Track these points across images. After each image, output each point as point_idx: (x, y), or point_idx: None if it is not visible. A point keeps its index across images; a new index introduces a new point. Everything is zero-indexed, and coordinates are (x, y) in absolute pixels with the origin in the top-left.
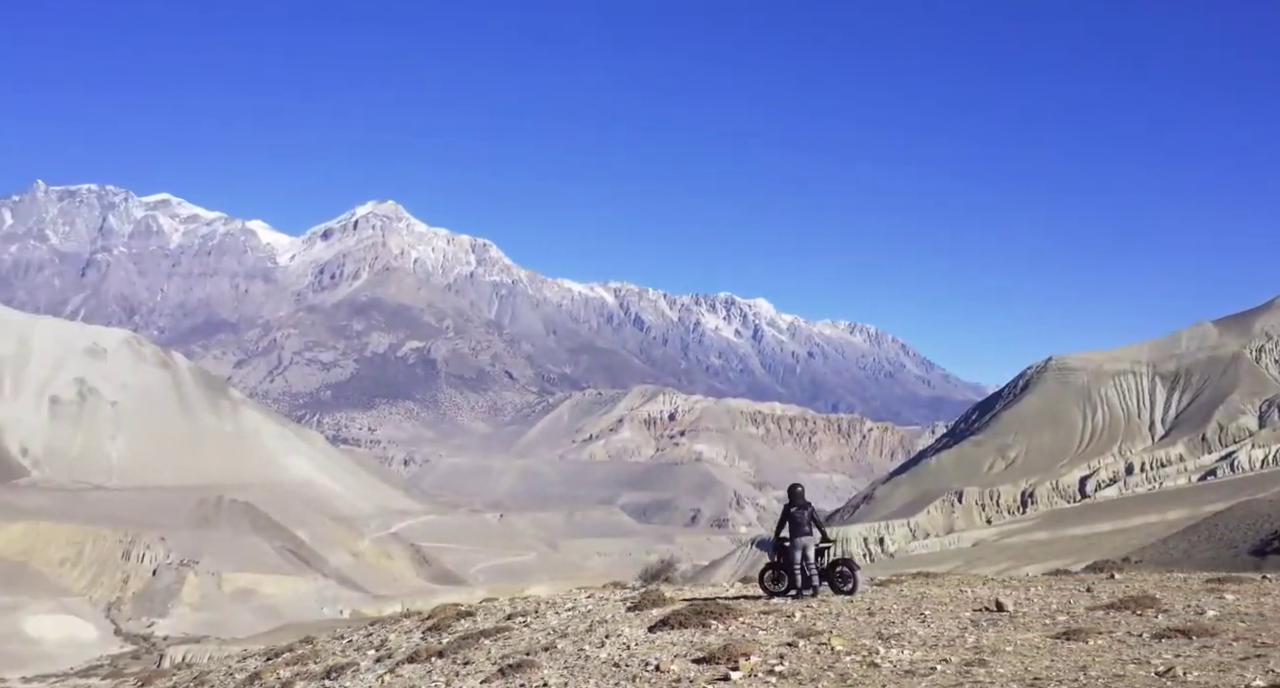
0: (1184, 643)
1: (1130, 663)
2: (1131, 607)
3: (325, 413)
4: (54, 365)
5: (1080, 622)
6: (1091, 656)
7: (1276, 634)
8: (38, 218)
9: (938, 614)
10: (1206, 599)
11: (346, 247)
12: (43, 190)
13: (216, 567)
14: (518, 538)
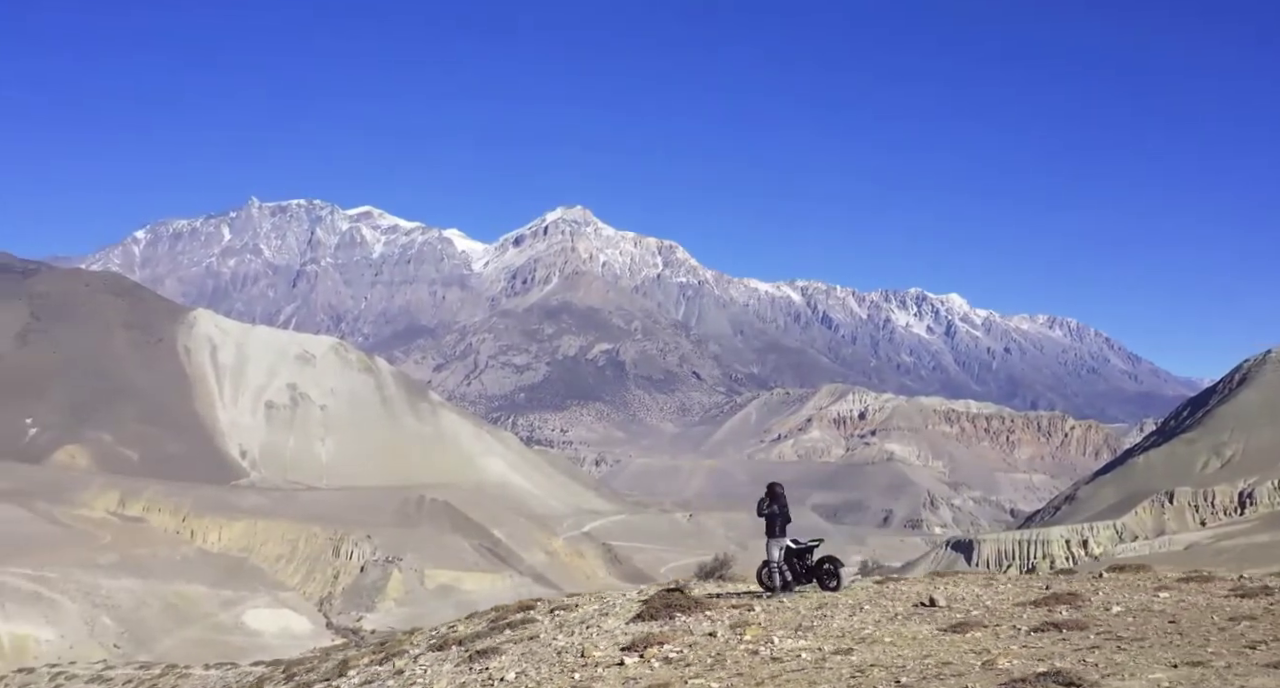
0: (1054, 636)
1: (972, 653)
2: (1050, 602)
3: (519, 415)
4: (269, 372)
5: (984, 617)
6: (951, 646)
7: (1153, 629)
8: (253, 233)
9: (875, 609)
10: (1141, 597)
11: (537, 252)
12: (257, 207)
13: (419, 563)
14: (708, 538)
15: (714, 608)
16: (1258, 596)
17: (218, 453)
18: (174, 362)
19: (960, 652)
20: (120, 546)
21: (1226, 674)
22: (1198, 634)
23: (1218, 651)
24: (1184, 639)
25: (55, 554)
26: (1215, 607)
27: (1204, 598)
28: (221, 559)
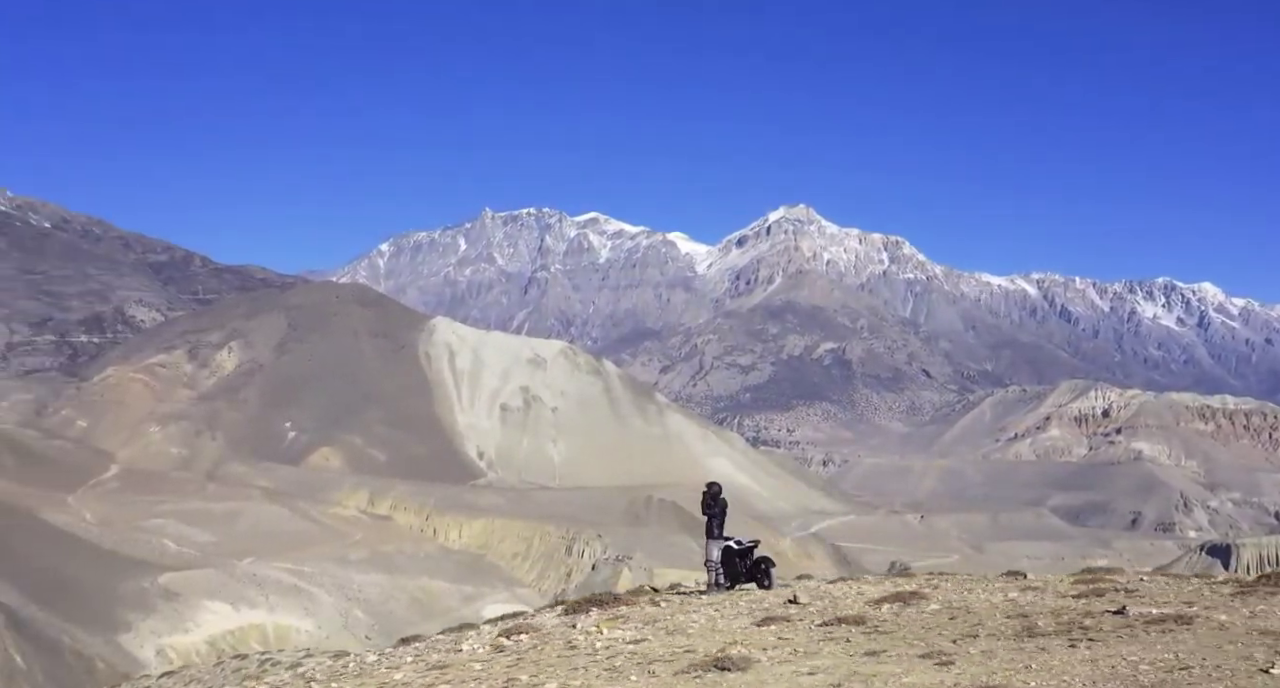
0: (832, 630)
1: (734, 643)
2: (905, 599)
3: (745, 415)
4: (503, 376)
5: (801, 614)
6: (742, 636)
7: (924, 626)
8: (486, 242)
9: (753, 607)
10: (981, 596)
11: (760, 252)
12: (490, 217)
13: (648, 562)
14: (940, 540)
15: (631, 605)
16: (1087, 596)
17: (457, 454)
18: (416, 368)
19: (728, 641)
20: (370, 542)
21: (894, 667)
22: (958, 631)
23: (954, 649)
24: (935, 634)
25: (312, 550)
26: (1052, 608)
27: (1054, 599)
28: (462, 556)
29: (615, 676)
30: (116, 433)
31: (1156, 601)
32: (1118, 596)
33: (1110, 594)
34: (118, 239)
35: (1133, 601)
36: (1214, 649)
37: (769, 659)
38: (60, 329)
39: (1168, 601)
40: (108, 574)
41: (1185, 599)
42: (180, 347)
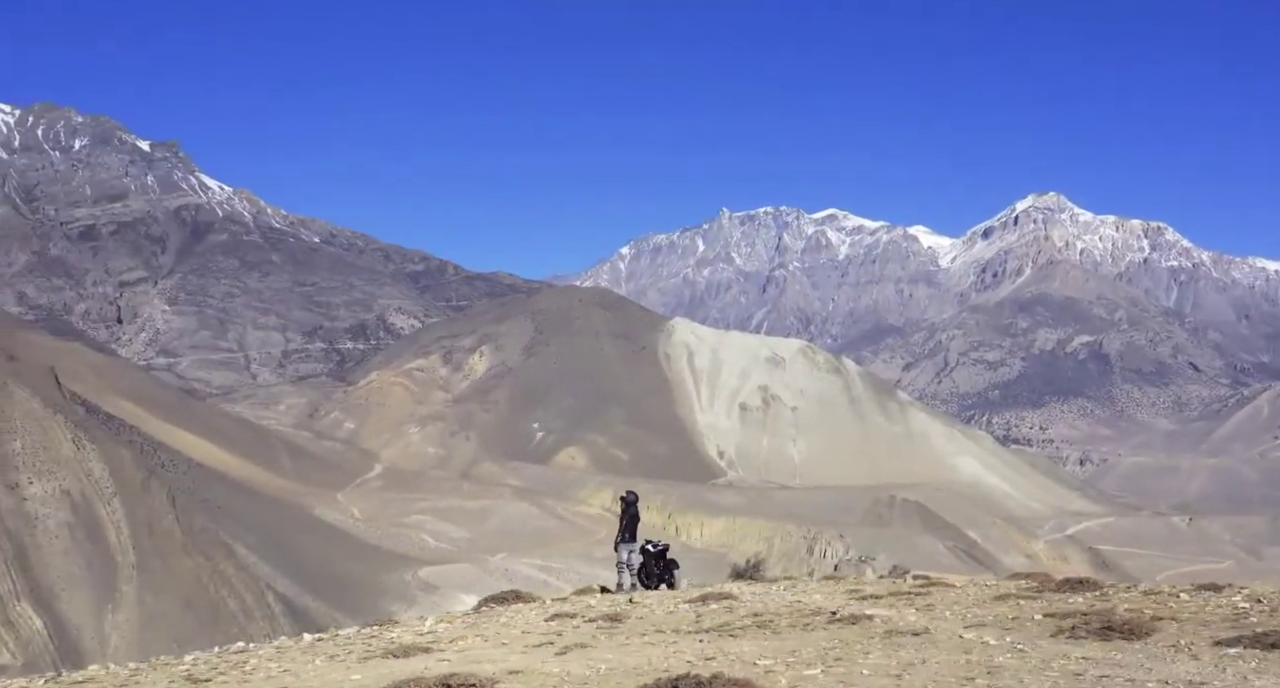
0: (600, 625)
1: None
2: (716, 599)
3: (994, 413)
4: (741, 375)
5: (586, 611)
6: (520, 628)
7: (683, 621)
8: (724, 242)
9: (590, 607)
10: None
11: (1007, 243)
12: (727, 217)
13: (892, 563)
14: (1211, 543)
15: (534, 601)
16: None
17: (697, 453)
18: (656, 368)
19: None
20: (613, 539)
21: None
22: (703, 626)
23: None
24: (670, 630)
25: (559, 546)
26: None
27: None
28: (704, 555)
29: (331, 662)
30: (380, 434)
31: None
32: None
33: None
34: (379, 251)
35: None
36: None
37: (474, 645)
38: (329, 337)
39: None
40: (373, 567)
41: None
42: (436, 351)
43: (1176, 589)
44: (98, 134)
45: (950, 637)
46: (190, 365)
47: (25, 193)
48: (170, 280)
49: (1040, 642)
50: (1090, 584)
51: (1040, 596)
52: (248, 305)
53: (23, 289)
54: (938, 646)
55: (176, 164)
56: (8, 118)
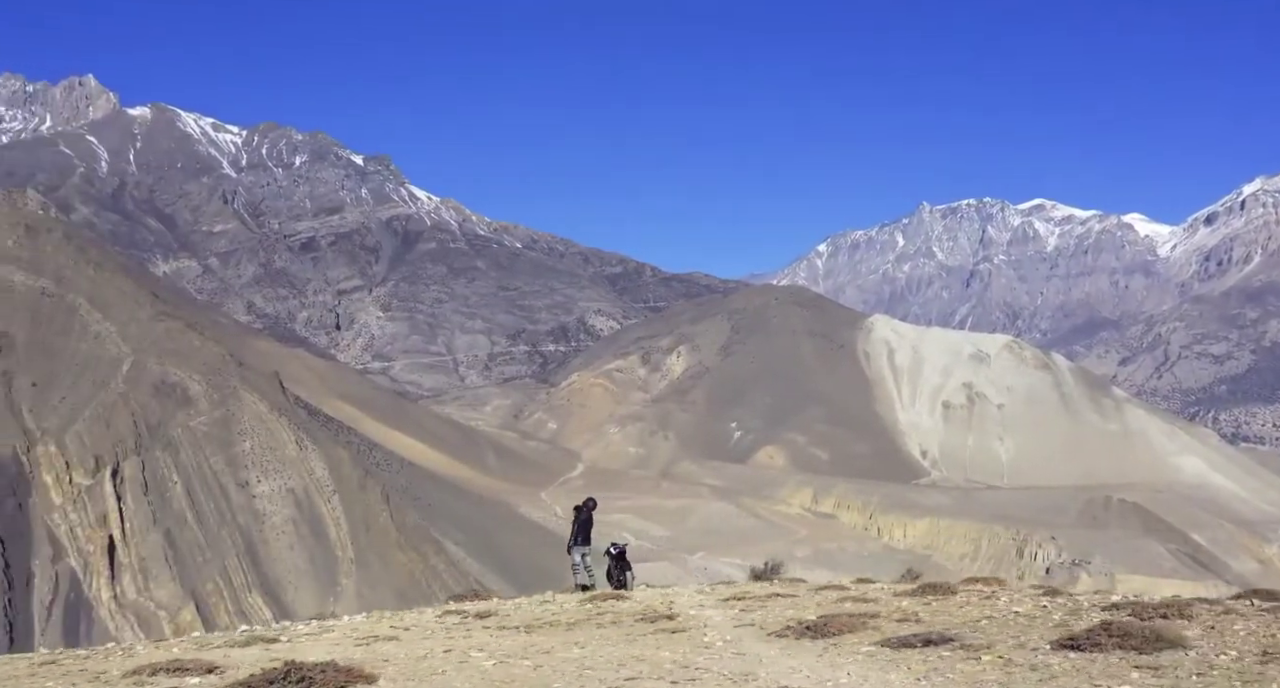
0: (476, 622)
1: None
2: (605, 599)
3: (1220, 409)
4: (944, 373)
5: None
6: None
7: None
8: (924, 237)
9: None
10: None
11: (1234, 229)
12: (927, 211)
13: (1109, 567)
14: None
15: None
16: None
17: (899, 452)
18: (854, 366)
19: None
20: (813, 539)
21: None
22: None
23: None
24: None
25: (758, 546)
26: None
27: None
28: (906, 556)
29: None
30: (581, 434)
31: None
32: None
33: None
34: (578, 255)
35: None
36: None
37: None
38: (532, 339)
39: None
40: None
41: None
42: (634, 352)
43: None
44: (316, 150)
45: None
46: (403, 369)
47: (252, 208)
48: (383, 288)
49: (751, 642)
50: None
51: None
52: (455, 310)
53: (251, 299)
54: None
55: (388, 177)
56: (236, 139)
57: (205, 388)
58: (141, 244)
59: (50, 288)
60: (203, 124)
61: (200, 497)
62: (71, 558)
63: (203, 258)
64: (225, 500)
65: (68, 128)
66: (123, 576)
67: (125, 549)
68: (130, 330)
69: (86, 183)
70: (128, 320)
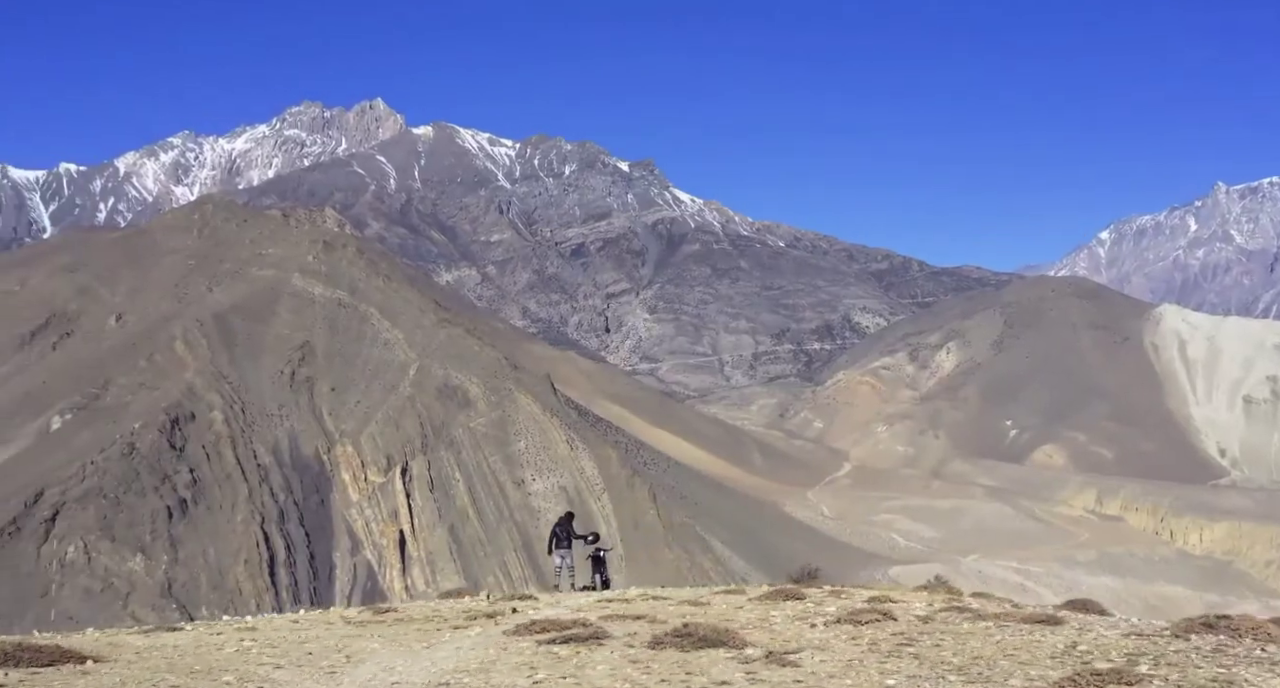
0: (373, 622)
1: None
2: (512, 600)
3: None
4: (1244, 365)
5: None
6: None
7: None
8: (1220, 219)
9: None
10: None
11: None
12: (1223, 192)
13: None
14: None
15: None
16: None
17: (1192, 451)
18: (1141, 359)
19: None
20: (1098, 543)
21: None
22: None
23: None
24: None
25: (1036, 549)
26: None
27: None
28: (1204, 562)
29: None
30: (848, 433)
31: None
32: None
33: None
34: (842, 252)
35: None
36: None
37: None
38: (796, 338)
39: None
40: (842, 565)
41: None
42: (901, 349)
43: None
44: (584, 159)
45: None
46: (670, 369)
47: (526, 217)
48: (650, 291)
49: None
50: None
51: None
52: (720, 311)
53: (526, 304)
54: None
55: (653, 181)
56: (510, 152)
57: (484, 391)
58: (426, 255)
59: (345, 299)
60: (479, 139)
61: (480, 494)
62: (367, 551)
63: (481, 266)
64: (503, 498)
65: (360, 149)
66: (412, 568)
67: (414, 543)
68: (416, 337)
69: (377, 200)
70: (413, 328)
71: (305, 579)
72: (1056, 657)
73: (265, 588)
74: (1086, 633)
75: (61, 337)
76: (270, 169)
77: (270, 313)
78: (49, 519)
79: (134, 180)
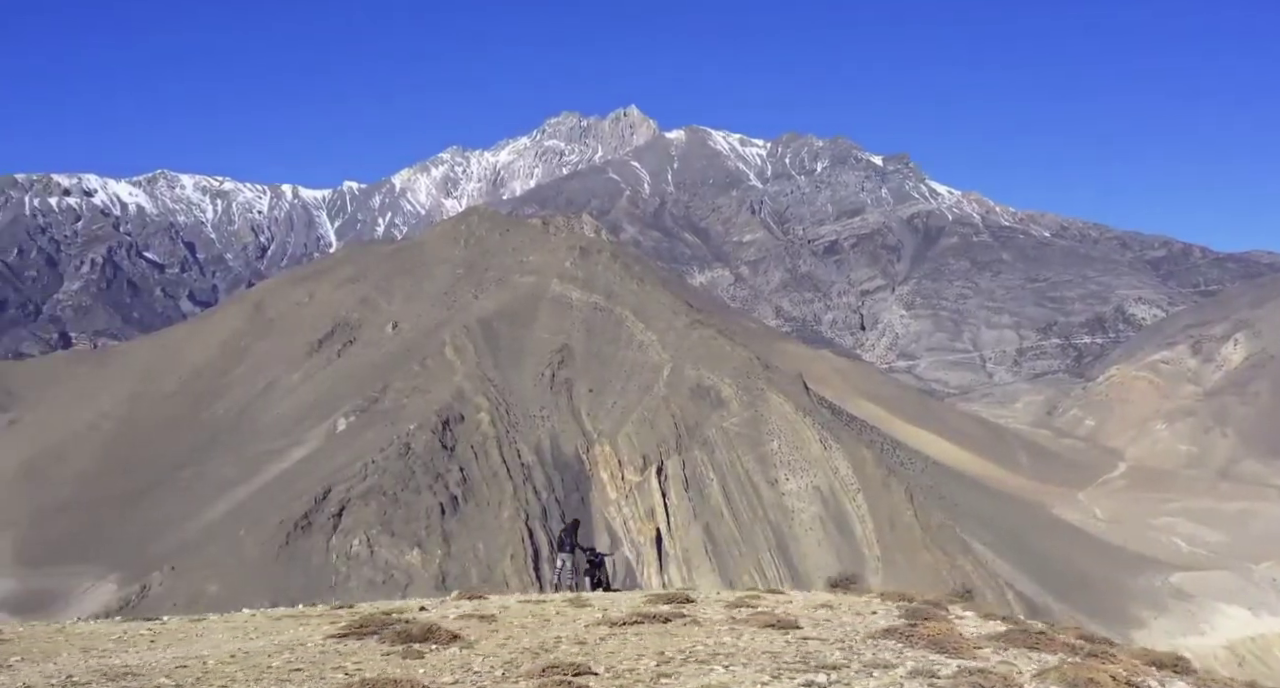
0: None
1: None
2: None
3: None
4: None
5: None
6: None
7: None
8: None
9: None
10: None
11: None
12: None
13: None
14: None
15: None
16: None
17: None
18: None
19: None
20: None
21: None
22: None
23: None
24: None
25: None
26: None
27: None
28: None
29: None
30: (1122, 431)
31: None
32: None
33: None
34: (1114, 240)
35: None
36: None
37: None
38: (1064, 332)
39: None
40: (1117, 570)
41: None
42: (1182, 342)
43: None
44: (836, 155)
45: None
46: (928, 367)
47: (778, 216)
48: (906, 286)
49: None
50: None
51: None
52: (980, 305)
53: (779, 304)
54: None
55: (907, 175)
56: (760, 151)
57: (736, 391)
58: (680, 258)
59: (601, 303)
60: (731, 140)
61: (734, 493)
62: (626, 548)
63: (734, 267)
64: (757, 497)
65: (615, 156)
66: (669, 566)
67: (671, 541)
68: (669, 339)
69: (632, 205)
70: (666, 329)
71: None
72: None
73: (530, 582)
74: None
75: (345, 344)
76: (531, 179)
77: (531, 318)
78: (336, 515)
79: (408, 195)
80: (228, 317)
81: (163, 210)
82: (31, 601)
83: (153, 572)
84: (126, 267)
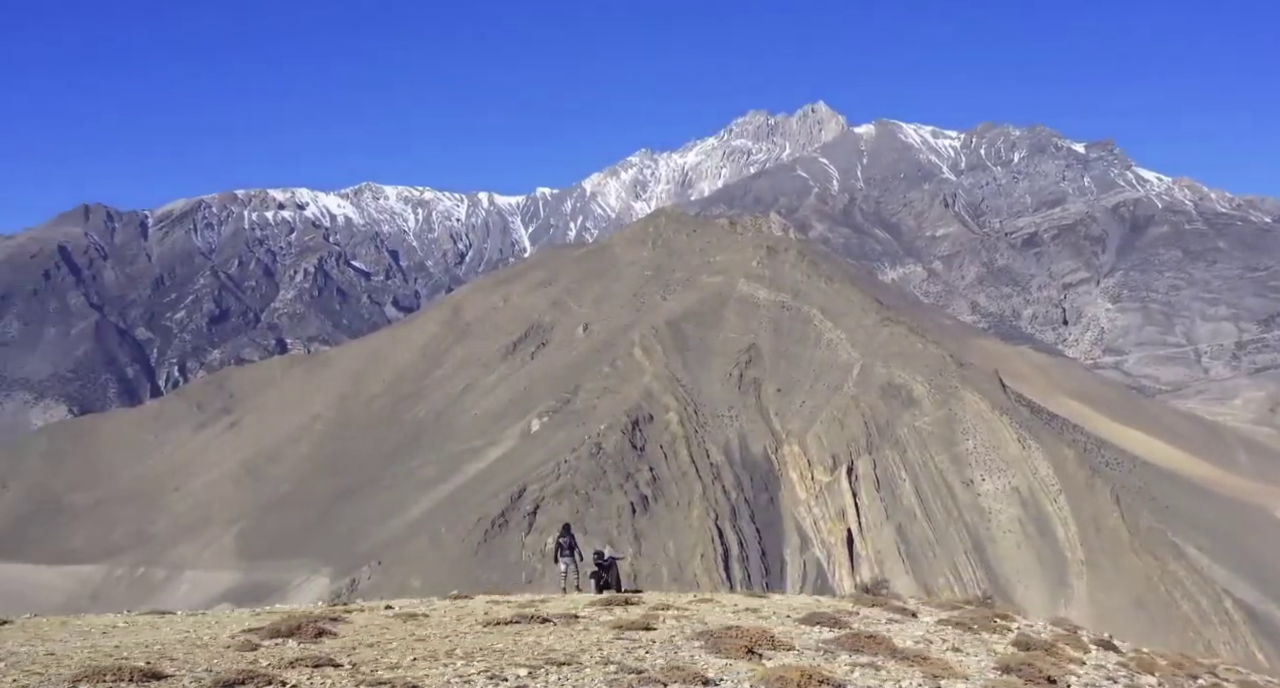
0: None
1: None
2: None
3: None
4: None
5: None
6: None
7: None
8: None
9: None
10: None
11: None
12: None
13: None
14: None
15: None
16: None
17: None
18: None
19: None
20: None
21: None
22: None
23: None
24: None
25: None
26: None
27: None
28: None
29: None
30: None
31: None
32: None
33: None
34: None
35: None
36: None
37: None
38: None
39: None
40: None
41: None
42: None
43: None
44: (1034, 144)
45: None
46: (1137, 362)
47: (972, 209)
48: (1112, 278)
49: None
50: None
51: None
52: (1194, 297)
53: (975, 299)
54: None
55: (1112, 162)
56: (954, 143)
57: (928, 389)
58: (870, 254)
59: (788, 301)
60: (922, 133)
61: (928, 494)
62: (816, 549)
63: (927, 262)
64: (951, 498)
65: (803, 153)
66: (861, 567)
67: (862, 542)
68: (858, 337)
69: (820, 202)
70: (855, 328)
71: (758, 574)
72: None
73: (720, 582)
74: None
75: (538, 346)
76: (719, 179)
77: (718, 318)
78: (530, 513)
79: (598, 199)
80: (428, 322)
81: (368, 221)
82: (253, 593)
83: (361, 566)
84: (336, 275)
